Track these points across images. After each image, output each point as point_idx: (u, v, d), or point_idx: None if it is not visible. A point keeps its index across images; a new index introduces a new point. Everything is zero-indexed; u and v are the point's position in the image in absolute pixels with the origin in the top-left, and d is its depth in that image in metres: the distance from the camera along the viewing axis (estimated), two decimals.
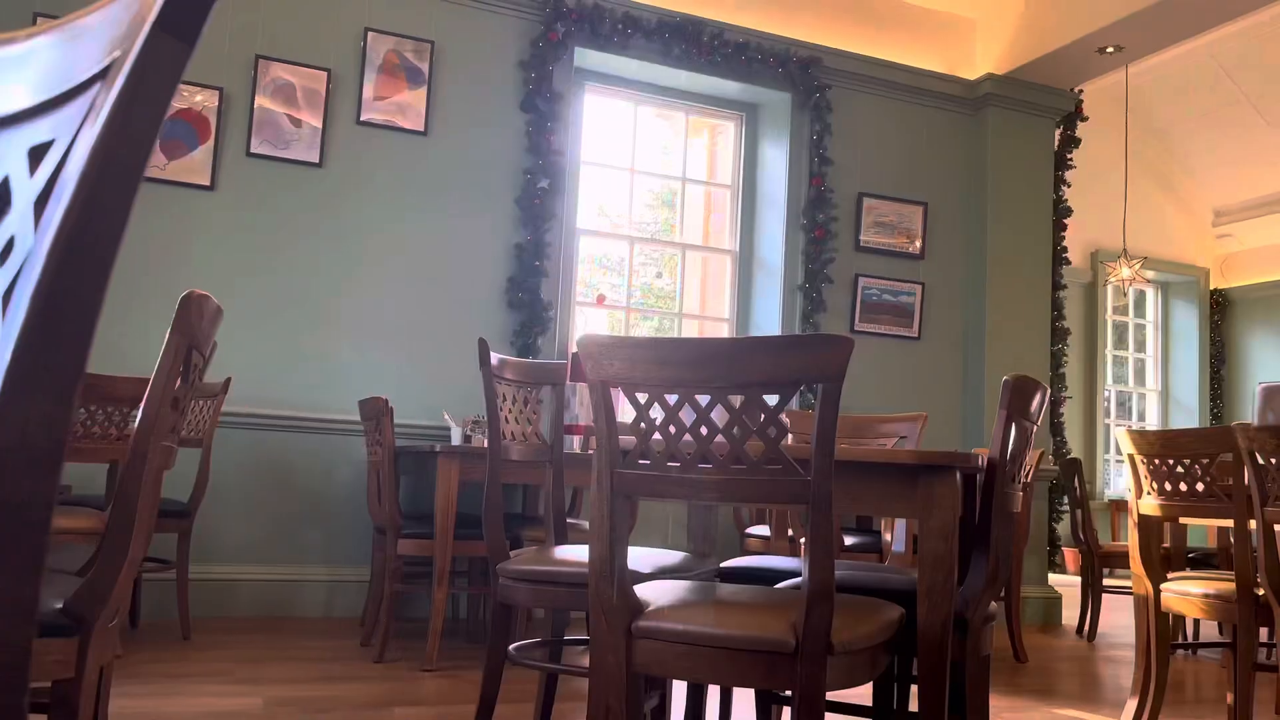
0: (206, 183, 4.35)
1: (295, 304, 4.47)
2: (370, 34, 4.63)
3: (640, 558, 2.31)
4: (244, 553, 4.31)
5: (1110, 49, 5.31)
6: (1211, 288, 9.41)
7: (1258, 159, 8.39)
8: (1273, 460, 2.65)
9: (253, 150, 4.43)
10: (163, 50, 0.48)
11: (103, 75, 0.50)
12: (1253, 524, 2.76)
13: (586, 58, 5.13)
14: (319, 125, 4.53)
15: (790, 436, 3.10)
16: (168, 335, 1.41)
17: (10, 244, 0.50)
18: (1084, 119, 6.04)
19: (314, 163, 4.52)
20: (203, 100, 4.36)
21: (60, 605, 1.34)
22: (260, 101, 4.45)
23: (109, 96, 0.48)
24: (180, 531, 3.74)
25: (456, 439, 3.96)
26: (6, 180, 0.52)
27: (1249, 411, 9.07)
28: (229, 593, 4.25)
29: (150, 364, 4.18)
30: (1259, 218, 8.86)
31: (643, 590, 1.78)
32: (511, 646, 2.41)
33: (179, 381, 1.45)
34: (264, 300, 4.42)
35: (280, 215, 4.48)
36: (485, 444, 3.93)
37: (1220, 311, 9.39)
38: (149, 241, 4.28)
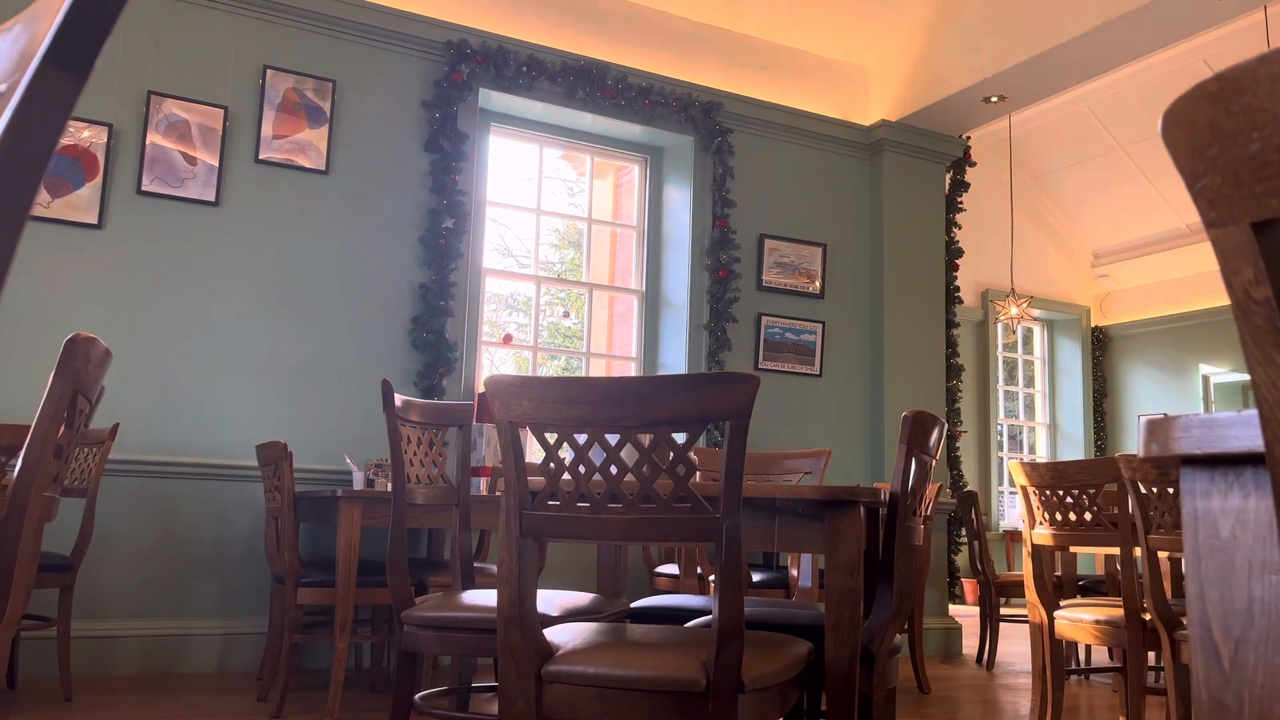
0: (94, 221, 4.19)
1: (188, 346, 4.32)
2: (269, 71, 4.55)
3: (549, 600, 2.29)
4: (131, 607, 4.10)
5: (994, 98, 5.58)
6: (1092, 325, 9.88)
7: (1131, 204, 8.88)
8: (1154, 489, 2.78)
9: (144, 188, 4.29)
10: (53, 83, 0.47)
11: None
12: (1138, 551, 2.88)
13: (491, 99, 5.14)
14: (215, 163, 4.41)
15: (698, 474, 3.12)
16: (51, 379, 1.35)
17: None
18: (972, 164, 6.30)
19: (210, 201, 4.39)
20: (90, 136, 4.21)
21: None
22: (153, 138, 4.32)
23: None
24: (62, 586, 3.54)
25: (359, 483, 3.87)
26: None
27: (1129, 442, 9.51)
28: (115, 650, 4.03)
29: (32, 410, 3.98)
30: (1134, 259, 9.37)
31: (552, 633, 1.76)
32: (417, 696, 2.35)
33: (63, 428, 1.38)
34: (155, 342, 4.26)
35: (173, 255, 4.33)
36: (389, 488, 3.84)
37: (1101, 348, 9.86)
38: (32, 282, 4.09)
